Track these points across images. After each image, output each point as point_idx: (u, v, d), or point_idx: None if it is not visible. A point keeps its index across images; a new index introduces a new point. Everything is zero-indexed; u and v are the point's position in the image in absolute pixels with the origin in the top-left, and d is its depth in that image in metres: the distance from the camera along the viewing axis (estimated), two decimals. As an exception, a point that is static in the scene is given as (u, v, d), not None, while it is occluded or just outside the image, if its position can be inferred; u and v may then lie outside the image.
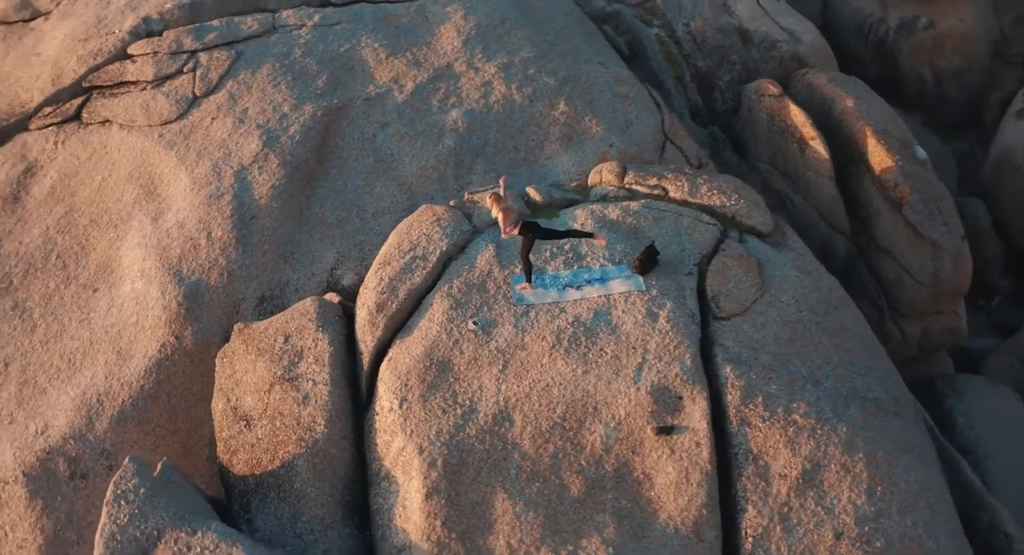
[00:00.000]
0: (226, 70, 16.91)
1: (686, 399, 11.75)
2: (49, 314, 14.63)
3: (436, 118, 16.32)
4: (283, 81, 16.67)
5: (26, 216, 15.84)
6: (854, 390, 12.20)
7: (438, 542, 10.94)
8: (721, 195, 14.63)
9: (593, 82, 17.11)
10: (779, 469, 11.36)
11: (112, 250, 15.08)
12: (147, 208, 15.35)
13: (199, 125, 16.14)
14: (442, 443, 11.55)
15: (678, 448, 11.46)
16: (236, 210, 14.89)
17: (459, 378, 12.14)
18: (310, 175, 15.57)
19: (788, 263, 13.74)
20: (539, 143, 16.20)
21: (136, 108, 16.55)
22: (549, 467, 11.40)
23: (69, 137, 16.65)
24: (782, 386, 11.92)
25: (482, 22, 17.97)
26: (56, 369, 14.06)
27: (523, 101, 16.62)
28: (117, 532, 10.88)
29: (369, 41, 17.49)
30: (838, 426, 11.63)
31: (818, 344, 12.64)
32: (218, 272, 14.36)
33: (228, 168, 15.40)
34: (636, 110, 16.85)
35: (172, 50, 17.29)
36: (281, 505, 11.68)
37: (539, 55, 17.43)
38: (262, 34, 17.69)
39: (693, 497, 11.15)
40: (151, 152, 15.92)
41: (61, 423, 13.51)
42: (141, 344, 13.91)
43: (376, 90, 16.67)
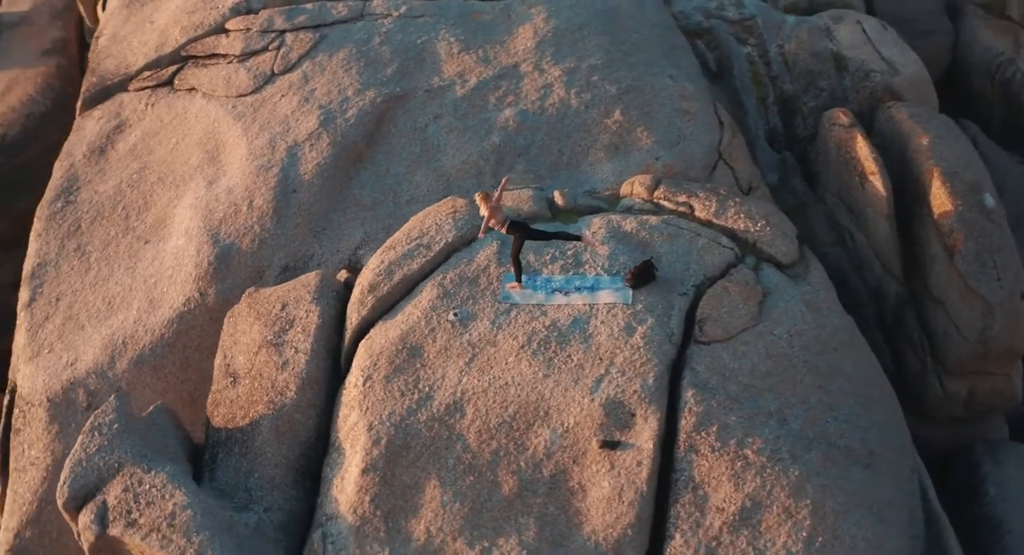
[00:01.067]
0: (306, 51, 17.80)
1: (638, 417, 11.60)
2: (103, 259, 15.91)
3: (489, 115, 16.61)
4: (355, 66, 17.38)
5: (106, 168, 17.25)
6: (823, 434, 11.67)
7: (362, 516, 11.29)
8: (747, 219, 14.24)
9: (656, 94, 16.95)
10: (718, 502, 11.04)
11: (169, 207, 16.22)
12: (207, 172, 16.41)
13: (269, 100, 17.09)
14: (391, 424, 11.88)
15: (619, 464, 11.33)
16: (280, 182, 15.69)
17: (426, 365, 12.42)
18: (357, 157, 16.20)
19: (797, 297, 13.24)
20: (585, 150, 16.22)
21: (219, 79, 17.70)
22: (487, 463, 11.52)
23: (159, 100, 17.99)
24: (742, 418, 11.56)
25: (561, 26, 18.11)
26: (96, 309, 15.29)
27: (578, 106, 16.67)
28: (84, 459, 11.82)
29: (447, 35, 17.97)
30: (791, 468, 11.18)
31: (798, 382, 12.15)
32: (251, 238, 15.20)
33: (283, 143, 16.24)
34: (693, 126, 16.57)
35: (263, 28, 18.36)
36: (240, 460, 12.32)
37: (608, 63, 17.41)
38: (349, 20, 18.49)
39: (622, 515, 11.01)
40: (222, 121, 16.99)
41: (88, 358, 14.70)
42: (170, 296, 14.92)
43: (440, 83, 17.13)
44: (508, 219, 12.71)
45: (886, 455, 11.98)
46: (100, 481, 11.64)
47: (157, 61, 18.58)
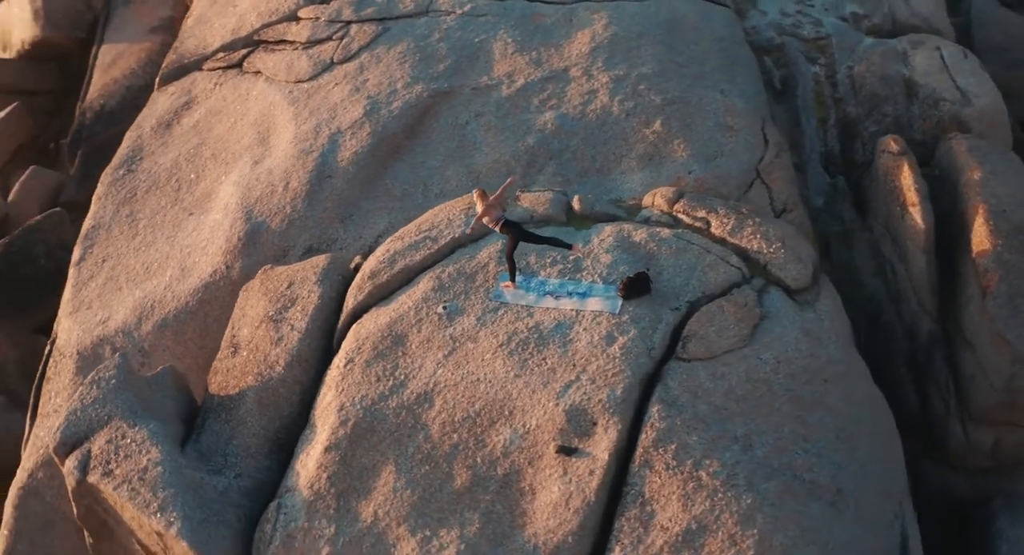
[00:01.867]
0: (367, 43, 18.33)
1: (599, 427, 11.53)
2: (149, 227, 16.82)
3: (529, 116, 16.74)
4: (409, 60, 17.80)
5: (169, 142, 18.20)
6: (788, 465, 11.34)
7: (317, 492, 11.62)
8: (763, 240, 13.91)
9: (701, 107, 16.72)
10: (663, 520, 10.89)
11: (216, 183, 17.01)
12: (255, 152, 17.12)
13: (323, 88, 17.69)
14: (362, 407, 12.19)
15: (571, 471, 11.31)
16: (317, 167, 16.24)
17: (406, 354, 12.68)
18: (395, 148, 16.59)
19: (797, 323, 12.87)
20: (618, 158, 16.15)
21: (282, 64, 18.42)
22: (445, 455, 11.68)
23: (227, 81, 18.86)
24: (704, 439, 11.34)
25: (619, 33, 18.06)
26: (135, 273, 16.19)
27: (619, 114, 16.60)
28: (79, 409, 12.59)
29: (505, 35, 18.19)
30: (744, 495, 10.91)
31: (775, 410, 11.83)
32: (281, 218, 15.79)
33: (327, 129, 16.79)
34: (734, 143, 16.27)
35: (331, 18, 19.00)
36: (224, 426, 12.86)
37: (658, 72, 17.27)
38: (413, 15, 18.93)
39: (565, 522, 10.99)
40: (277, 104, 17.69)
41: (119, 318, 15.58)
42: (200, 267, 15.66)
43: (488, 82, 17.35)
44: (503, 218, 12.81)
45: (861, 496, 11.53)
46: (89, 431, 12.37)
47: (232, 43, 19.47)
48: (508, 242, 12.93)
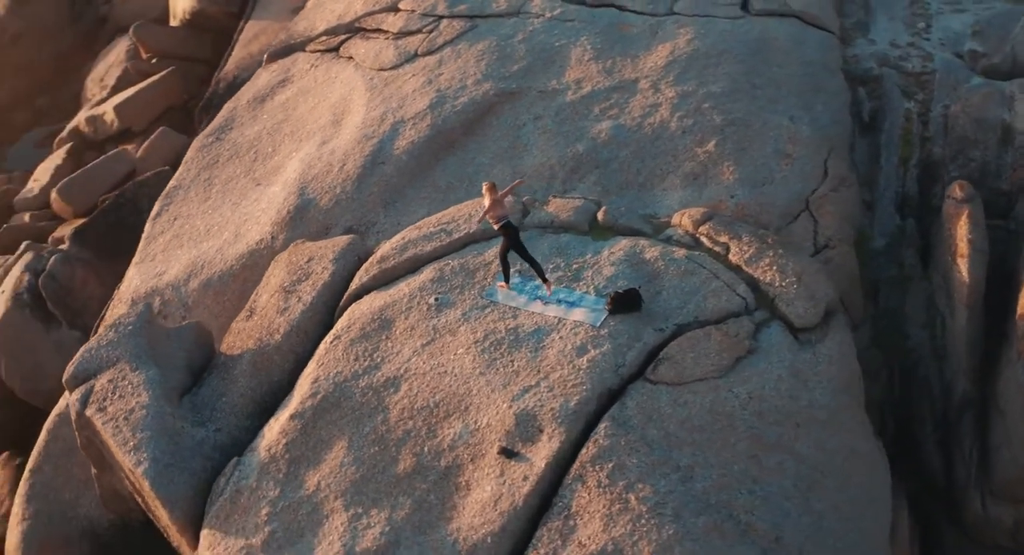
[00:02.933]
0: (452, 38, 18.82)
1: (544, 435, 11.54)
2: (221, 192, 17.95)
3: (586, 124, 16.74)
4: (487, 58, 18.16)
5: (258, 115, 19.33)
6: (727, 504, 10.97)
7: (271, 455, 12.20)
8: (778, 273, 13.44)
9: (762, 132, 16.23)
10: (583, 537, 10.79)
11: (287, 158, 17.94)
12: (327, 133, 17.95)
13: (400, 78, 18.31)
14: (333, 382, 12.67)
15: (508, 474, 11.37)
16: (373, 153, 16.87)
17: (390, 338, 13.06)
18: (450, 143, 16.98)
19: (786, 362, 12.40)
20: (663, 174, 15.91)
21: (371, 52, 19.18)
22: (396, 440, 11.99)
23: (322, 64, 19.81)
24: (643, 463, 11.14)
25: (700, 49, 17.76)
26: (197, 233, 17.33)
27: (676, 130, 16.36)
28: (94, 348, 13.71)
29: (586, 42, 18.24)
30: (666, 525, 10.67)
31: (729, 446, 11.46)
32: (329, 197, 16.52)
33: (392, 118, 17.40)
34: (788, 171, 15.72)
35: (426, 12, 19.61)
36: (220, 383, 13.65)
37: (728, 92, 16.87)
38: (504, 15, 19.26)
39: (489, 522, 11.08)
40: (357, 90, 18.46)
41: (172, 273, 16.75)
42: (250, 234, 16.60)
43: (555, 86, 17.48)
44: (505, 218, 12.88)
45: (804, 548, 11.01)
46: (98, 369, 13.44)
47: (335, 28, 20.42)
48: (503, 243, 13.06)
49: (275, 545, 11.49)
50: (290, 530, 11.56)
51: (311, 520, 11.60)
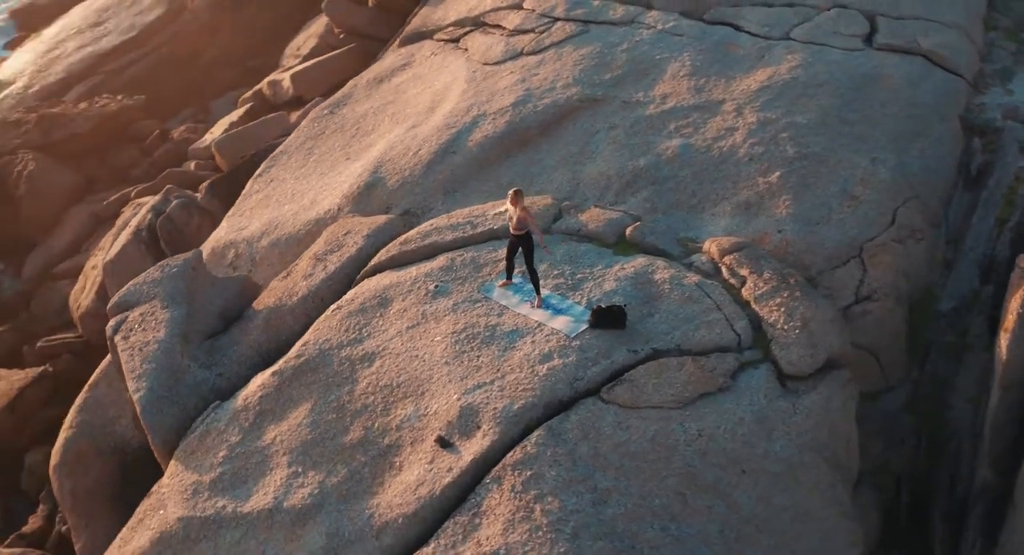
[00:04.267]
0: (560, 40, 19.02)
1: (480, 432, 11.65)
2: (316, 162, 19.07)
3: (656, 139, 16.50)
4: (584, 63, 18.23)
5: (372, 95, 20.33)
6: (632, 535, 10.68)
7: (245, 405, 13.01)
8: (785, 315, 12.84)
9: (834, 170, 15.41)
10: (481, 536, 10.86)
11: (379, 138, 18.81)
12: (419, 118, 18.66)
13: (499, 73, 18.72)
14: (318, 348, 13.33)
15: (436, 463, 11.60)
16: (449, 142, 17.39)
17: (382, 315, 13.56)
18: (524, 141, 17.21)
19: (755, 408, 11.87)
20: (717, 200, 15.44)
21: (484, 46, 19.70)
22: (353, 411, 12.48)
23: (441, 53, 20.54)
24: (561, 478, 11.04)
25: (800, 77, 17.04)
26: (283, 196, 18.53)
27: (743, 157, 15.82)
28: (139, 283, 15.09)
29: (687, 58, 17.93)
30: (560, 543, 10.53)
31: (657, 479, 11.12)
32: (397, 178, 17.21)
33: (476, 111, 17.85)
34: (849, 213, 14.85)
35: (544, 12, 19.89)
36: (238, 333, 14.65)
37: (813, 125, 16.11)
38: (617, 23, 19.23)
39: (405, 505, 11.35)
40: (458, 80, 19.05)
41: (251, 229, 18.01)
42: (323, 203, 17.58)
43: (640, 98, 17.31)
44: (525, 229, 12.86)
45: (710, 595, 10.57)
46: (136, 302, 14.79)
47: (463, 20, 21.10)
48: (510, 244, 13.11)
49: (220, 486, 12.29)
50: (237, 475, 12.32)
51: (257, 470, 12.30)
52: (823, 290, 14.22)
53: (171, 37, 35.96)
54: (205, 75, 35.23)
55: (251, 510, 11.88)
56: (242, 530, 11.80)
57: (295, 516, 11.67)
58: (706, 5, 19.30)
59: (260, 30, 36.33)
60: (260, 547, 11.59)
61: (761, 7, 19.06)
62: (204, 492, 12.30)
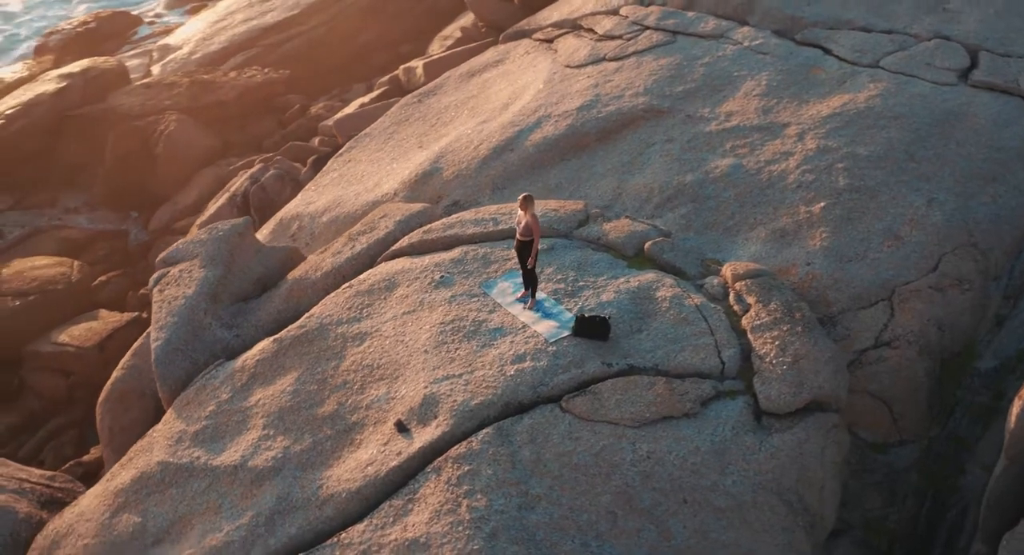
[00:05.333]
0: (643, 49, 18.84)
1: (435, 422, 11.85)
2: (392, 147, 19.67)
3: (709, 157, 16.13)
4: (660, 74, 18.00)
5: (460, 88, 20.74)
6: (551, 545, 10.63)
7: (242, 366, 13.69)
8: (777, 349, 12.37)
9: (883, 207, 14.63)
10: (409, 522, 11.09)
11: (452, 130, 19.21)
12: (492, 114, 18.93)
13: (576, 76, 18.73)
14: (320, 322, 13.85)
15: (390, 445, 11.89)
16: (508, 140, 17.59)
17: (385, 299, 13.94)
18: (580, 146, 17.19)
19: (716, 439, 11.53)
20: (754, 224, 14.95)
21: (571, 49, 19.75)
22: (333, 386, 12.92)
23: (534, 52, 20.72)
24: (494, 479, 11.09)
25: (875, 108, 16.24)
26: (354, 176, 19.22)
27: (791, 183, 15.24)
28: (187, 242, 16.10)
29: (764, 77, 17.41)
30: (476, 540, 10.63)
31: (592, 494, 11.00)
32: (453, 171, 17.55)
33: (542, 112, 17.95)
34: (888, 253, 14.07)
35: (636, 20, 19.71)
36: (265, 300, 15.38)
37: (874, 158, 15.34)
38: (706, 36, 18.85)
39: (352, 481, 11.70)
40: (538, 81, 19.19)
41: (317, 205, 18.79)
42: (384, 187, 18.15)
43: (705, 114, 16.95)
44: (531, 236, 12.74)
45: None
46: (180, 259, 15.78)
47: (563, 22, 21.19)
48: (516, 248, 13.00)
49: (200, 438, 13.00)
50: (217, 430, 13.00)
51: (235, 428, 12.94)
52: (841, 330, 13.57)
53: (331, 17, 37.47)
54: (358, 57, 36.58)
55: (220, 464, 12.52)
56: (208, 481, 12.46)
57: (255, 476, 12.22)
58: (802, 25, 18.61)
59: (417, 16, 37.34)
60: (219, 500, 12.21)
61: (859, 31, 18.21)
62: (186, 441, 13.05)
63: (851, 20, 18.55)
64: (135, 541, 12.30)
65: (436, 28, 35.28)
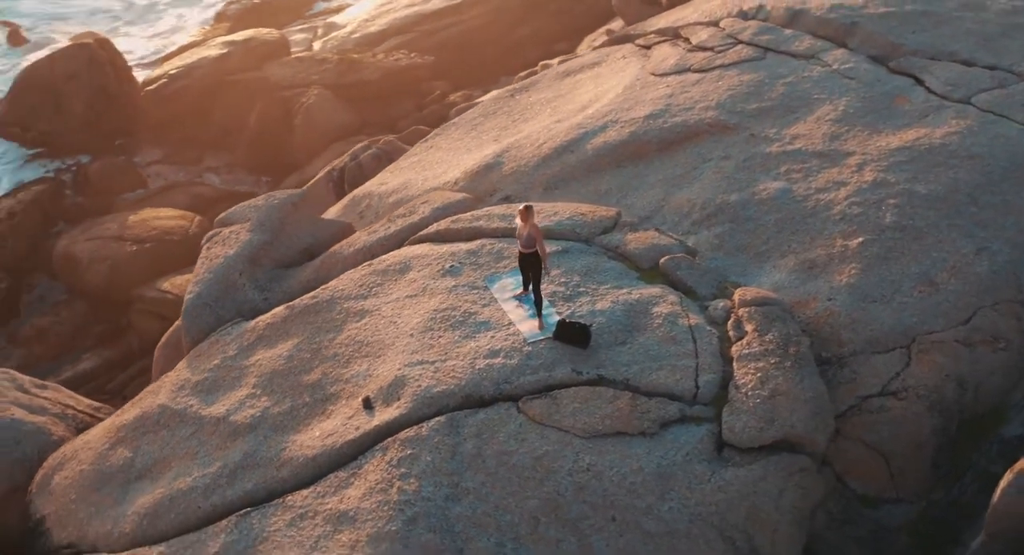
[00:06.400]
0: (729, 63, 18.33)
1: (397, 404, 12.12)
2: (473, 137, 19.97)
3: (760, 178, 15.57)
4: (738, 89, 17.48)
5: (553, 85, 20.80)
6: (467, 539, 10.73)
7: (254, 327, 14.42)
8: (757, 381, 11.95)
9: (926, 250, 13.75)
10: (347, 495, 11.44)
11: (526, 126, 19.33)
12: (568, 114, 18.91)
13: (655, 84, 18.45)
14: (332, 295, 14.37)
15: (352, 420, 12.26)
16: (571, 142, 17.52)
17: (395, 281, 14.31)
18: (639, 154, 16.93)
19: (663, 463, 11.29)
20: (785, 252, 14.35)
21: (662, 57, 19.45)
22: (324, 356, 13.40)
23: (631, 57, 20.52)
24: (431, 466, 11.28)
25: (949, 146, 15.23)
26: (430, 162, 19.65)
27: (836, 214, 14.52)
28: (244, 206, 17.02)
29: (843, 103, 16.63)
30: (394, 521, 10.90)
31: (521, 497, 11.00)
32: (512, 166, 17.67)
33: (611, 116, 17.78)
34: (914, 300, 13.22)
35: (731, 33, 19.18)
36: (301, 269, 16.07)
37: (932, 198, 14.41)
38: (796, 55, 18.14)
39: (310, 448, 12.16)
40: (620, 85, 19.03)
41: (388, 186, 19.30)
42: (448, 176, 18.45)
43: (770, 134, 16.36)
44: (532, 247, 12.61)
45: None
46: (234, 220, 16.72)
47: (666, 30, 20.86)
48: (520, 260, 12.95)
49: (199, 388, 13.79)
50: (215, 384, 13.75)
51: (230, 383, 13.64)
52: (848, 373, 12.86)
53: (491, 10, 38.09)
54: (512, 51, 37.10)
55: (207, 415, 13.25)
56: (193, 429, 13.22)
57: (233, 430, 12.88)
58: (900, 52, 17.58)
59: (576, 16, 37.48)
60: (198, 447, 12.94)
61: (959, 65, 17.04)
62: (187, 389, 13.88)
63: (955, 52, 17.38)
64: (121, 474, 13.21)
65: (593, 28, 35.32)
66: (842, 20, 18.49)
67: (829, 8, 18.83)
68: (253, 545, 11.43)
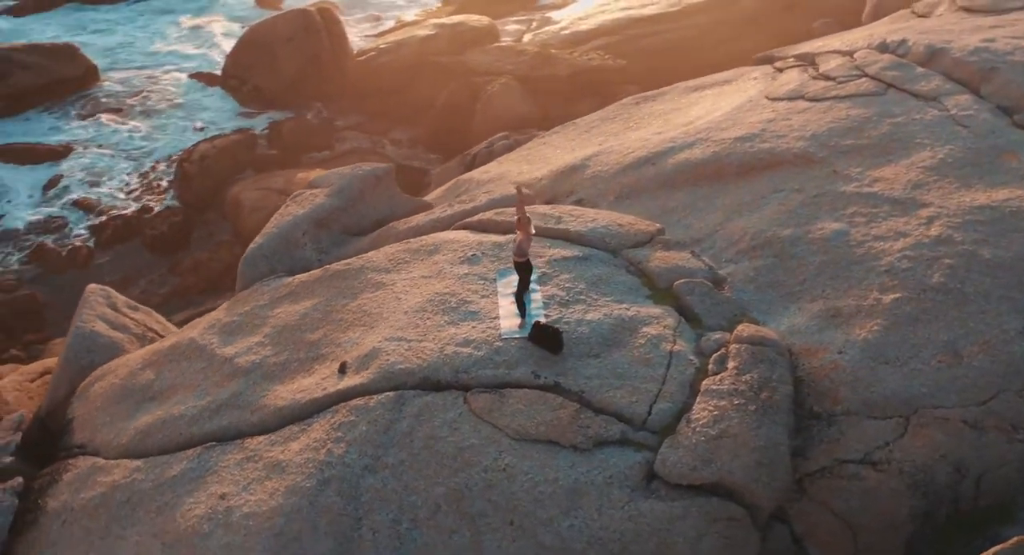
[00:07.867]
0: (846, 95, 17.36)
1: (364, 372, 12.59)
2: (585, 138, 20.10)
3: (821, 216, 14.69)
4: (840, 123, 16.55)
5: (677, 99, 20.48)
6: (368, 510, 11.08)
7: (290, 284, 15.32)
8: (711, 418, 11.46)
9: (963, 318, 12.56)
10: (291, 447, 12.09)
11: (632, 133, 19.17)
12: (671, 127, 18.60)
13: (762, 108, 17.78)
14: (363, 265, 15.04)
15: (325, 381, 12.88)
16: (657, 153, 17.27)
17: (421, 260, 14.76)
18: (718, 175, 16.40)
19: (584, 481, 11.09)
20: (816, 297, 13.50)
21: (786, 80, 18.73)
22: (332, 319, 14.07)
23: (761, 78, 19.86)
24: (363, 436, 11.71)
25: (1040, 212, 13.75)
26: (536, 157, 19.97)
27: (882, 265, 13.50)
28: (334, 173, 18.05)
29: (944, 151, 15.36)
30: (308, 480, 11.46)
31: (431, 482, 11.22)
32: (595, 171, 17.65)
33: (704, 134, 17.33)
34: (931, 369, 12.12)
35: (859, 65, 18.09)
36: (362, 238, 16.89)
37: (992, 265, 13.11)
38: (918, 95, 16.88)
39: (283, 400, 12.90)
40: (729, 105, 18.47)
41: (488, 175, 19.82)
42: (539, 172, 18.70)
43: (852, 173, 15.38)
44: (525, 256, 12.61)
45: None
46: (322, 184, 17.76)
47: (804, 55, 19.99)
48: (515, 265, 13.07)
49: (225, 330, 14.88)
50: (238, 327, 14.79)
51: (249, 329, 14.63)
52: (834, 432, 12.02)
53: (710, 21, 37.57)
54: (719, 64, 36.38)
55: (220, 354, 14.31)
56: (204, 364, 14.32)
57: (232, 371, 13.85)
58: (1035, 106, 15.95)
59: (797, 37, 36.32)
60: (202, 381, 14.03)
61: (1094, 128, 15.24)
62: (216, 328, 15.02)
63: (1095, 115, 15.55)
64: (140, 392, 14.53)
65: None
66: (981, 64, 16.96)
67: (972, 50, 17.32)
68: (203, 475, 12.33)
